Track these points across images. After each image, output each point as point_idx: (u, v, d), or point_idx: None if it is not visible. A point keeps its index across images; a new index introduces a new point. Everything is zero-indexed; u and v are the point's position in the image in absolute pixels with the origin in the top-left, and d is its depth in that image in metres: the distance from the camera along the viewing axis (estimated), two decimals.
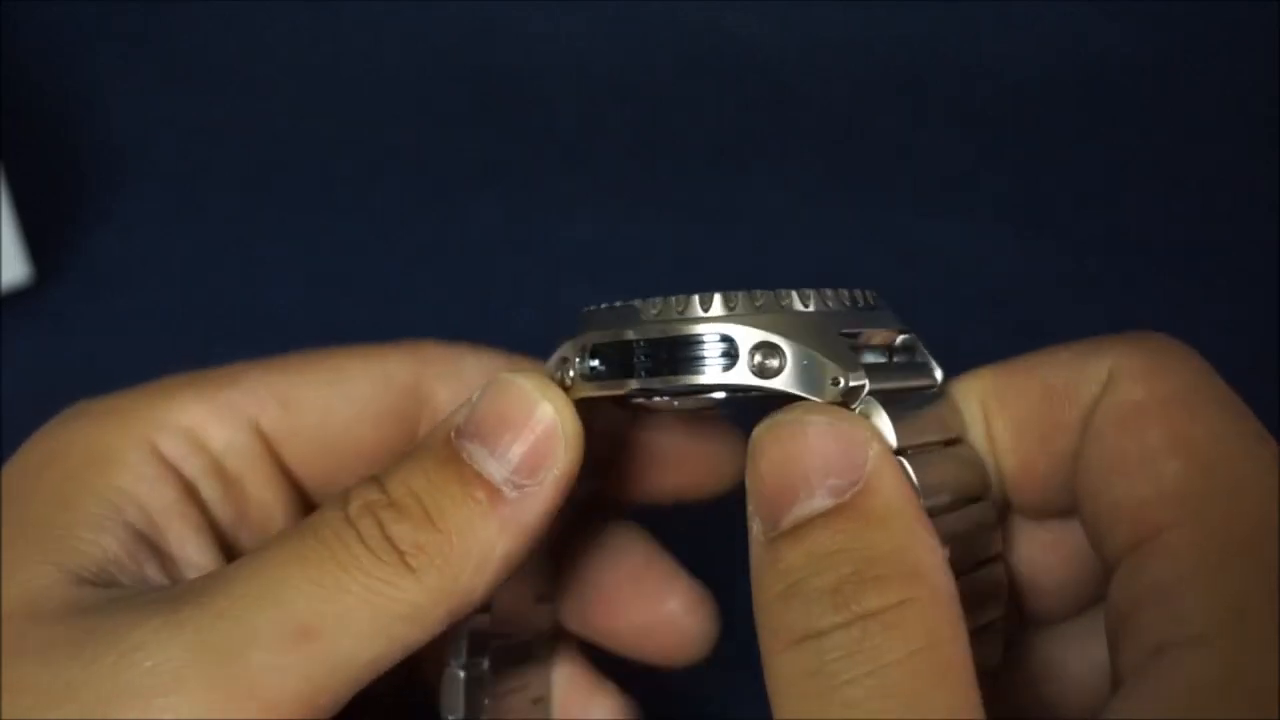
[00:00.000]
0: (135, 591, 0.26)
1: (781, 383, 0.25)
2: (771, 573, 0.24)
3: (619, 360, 0.26)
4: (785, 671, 0.23)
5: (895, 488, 0.24)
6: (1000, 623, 0.27)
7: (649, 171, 0.52)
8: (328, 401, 0.31)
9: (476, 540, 0.26)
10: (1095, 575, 0.28)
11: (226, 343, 0.47)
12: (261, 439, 0.30)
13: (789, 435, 0.24)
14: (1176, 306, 0.49)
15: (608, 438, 0.32)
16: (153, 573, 0.28)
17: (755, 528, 0.24)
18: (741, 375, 0.25)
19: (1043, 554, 0.29)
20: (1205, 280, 0.50)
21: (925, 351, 0.27)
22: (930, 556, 0.23)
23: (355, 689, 0.25)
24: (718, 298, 0.25)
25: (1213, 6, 0.54)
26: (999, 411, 0.27)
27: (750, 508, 0.24)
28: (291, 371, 0.31)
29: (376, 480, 0.27)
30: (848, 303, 0.26)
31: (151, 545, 0.28)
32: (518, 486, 0.26)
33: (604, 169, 0.52)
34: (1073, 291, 0.50)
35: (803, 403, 0.25)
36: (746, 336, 0.25)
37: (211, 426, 0.30)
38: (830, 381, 0.25)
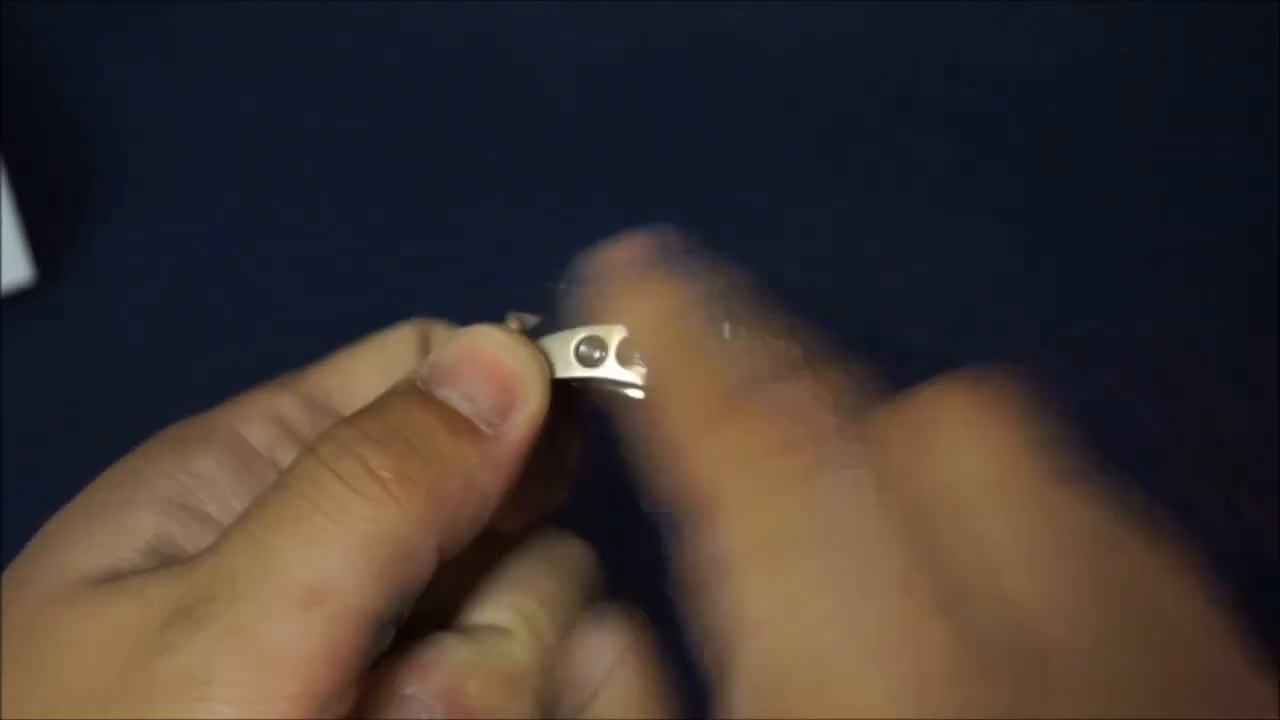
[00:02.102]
0: (159, 575, 0.26)
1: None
2: None
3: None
4: None
5: None
6: None
7: (649, 171, 0.52)
8: (383, 371, 0.31)
9: (461, 467, 0.26)
10: None
11: (227, 343, 0.47)
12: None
13: None
14: (1176, 306, 0.49)
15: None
16: None
17: None
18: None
19: None
20: (1205, 280, 0.50)
21: None
22: None
23: (374, 640, 0.26)
24: None
25: (1212, 6, 0.54)
26: None
27: None
28: (344, 359, 0.31)
29: (347, 421, 0.27)
30: None
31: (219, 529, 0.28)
32: (491, 425, 0.27)
33: (604, 169, 0.52)
34: (1073, 292, 0.50)
35: None
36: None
37: (296, 413, 0.30)
38: None
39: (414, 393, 0.27)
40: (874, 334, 0.47)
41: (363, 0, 0.55)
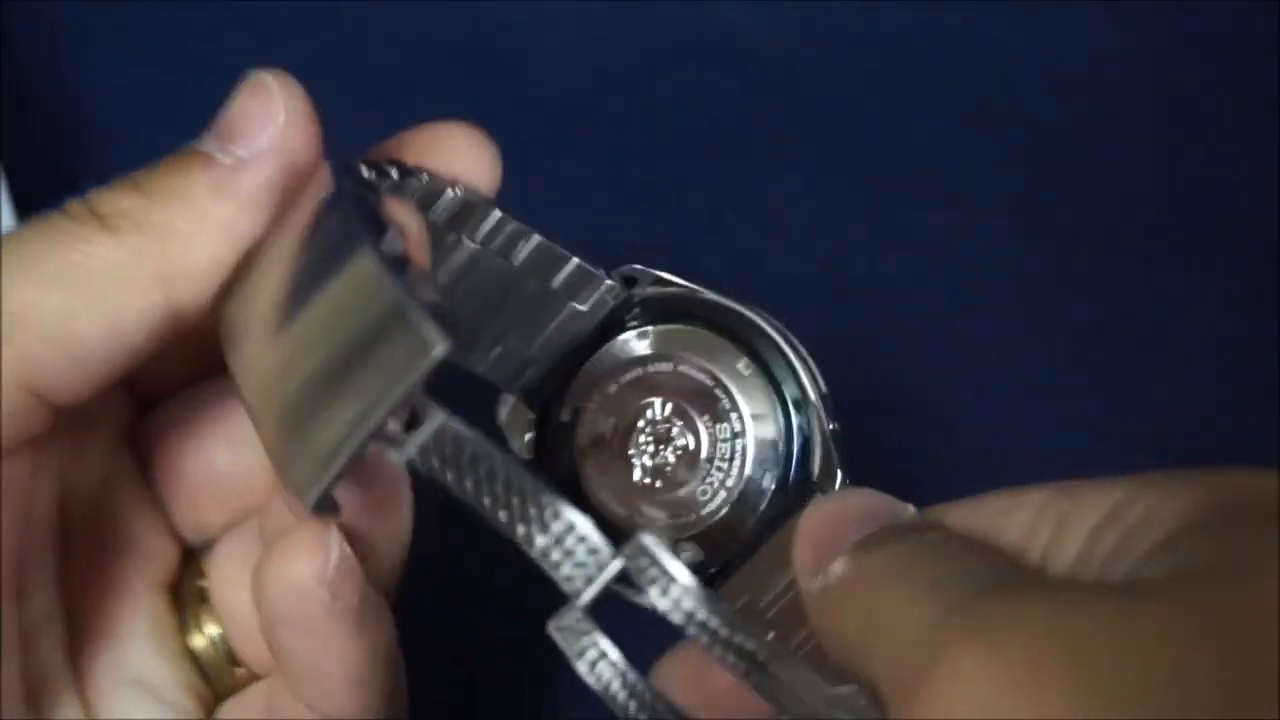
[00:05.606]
0: None
1: None
2: None
3: None
4: None
5: None
6: None
7: (648, 167, 0.52)
8: None
9: (185, 202, 0.26)
10: None
11: None
12: None
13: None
14: (1175, 304, 0.49)
15: None
16: None
17: None
18: None
19: None
20: (1205, 279, 0.50)
21: None
22: None
23: (94, 369, 0.26)
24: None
25: (1213, 6, 0.54)
26: None
27: None
28: None
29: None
30: None
31: None
32: (231, 155, 0.27)
33: (602, 165, 0.52)
34: (1072, 288, 0.50)
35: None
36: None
37: None
38: None
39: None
40: (871, 325, 0.47)
41: (362, 0, 0.55)
